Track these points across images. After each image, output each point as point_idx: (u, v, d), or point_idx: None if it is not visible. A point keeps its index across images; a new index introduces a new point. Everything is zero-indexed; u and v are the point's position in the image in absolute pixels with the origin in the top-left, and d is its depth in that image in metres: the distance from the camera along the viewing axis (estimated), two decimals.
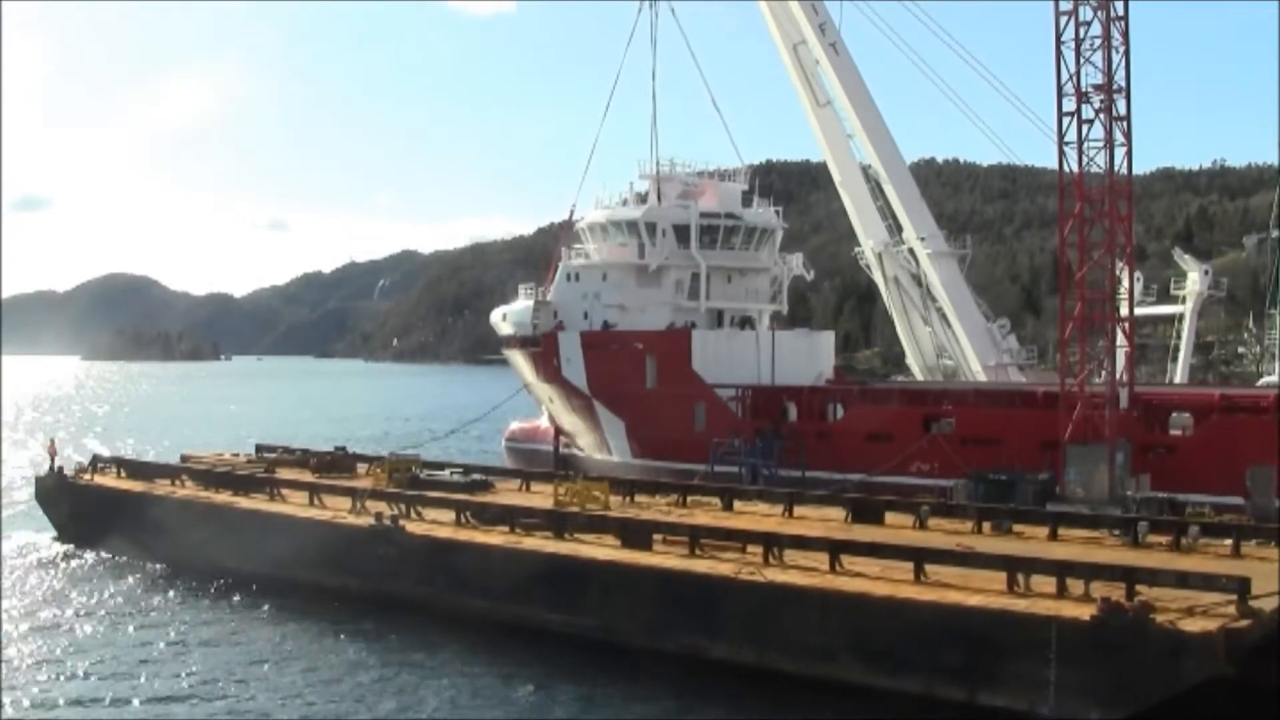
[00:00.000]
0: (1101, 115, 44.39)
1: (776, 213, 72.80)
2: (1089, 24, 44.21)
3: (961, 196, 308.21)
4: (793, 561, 33.94)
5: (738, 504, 44.80)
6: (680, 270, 68.09)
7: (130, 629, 38.33)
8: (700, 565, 34.64)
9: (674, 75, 75.84)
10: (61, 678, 32.91)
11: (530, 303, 72.31)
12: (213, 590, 43.43)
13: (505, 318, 75.58)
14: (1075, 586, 29.21)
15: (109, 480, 55.21)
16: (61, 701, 31.04)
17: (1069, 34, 44.39)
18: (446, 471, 53.11)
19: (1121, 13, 44.29)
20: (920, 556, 32.06)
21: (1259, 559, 33.35)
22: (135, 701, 31.09)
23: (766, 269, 70.82)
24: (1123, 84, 44.44)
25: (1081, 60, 44.30)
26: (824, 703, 29.91)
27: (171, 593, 43.49)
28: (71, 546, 51.90)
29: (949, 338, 70.19)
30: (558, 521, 40.23)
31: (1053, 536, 37.51)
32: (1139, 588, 28.23)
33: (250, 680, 32.75)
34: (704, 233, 68.00)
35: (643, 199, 71.35)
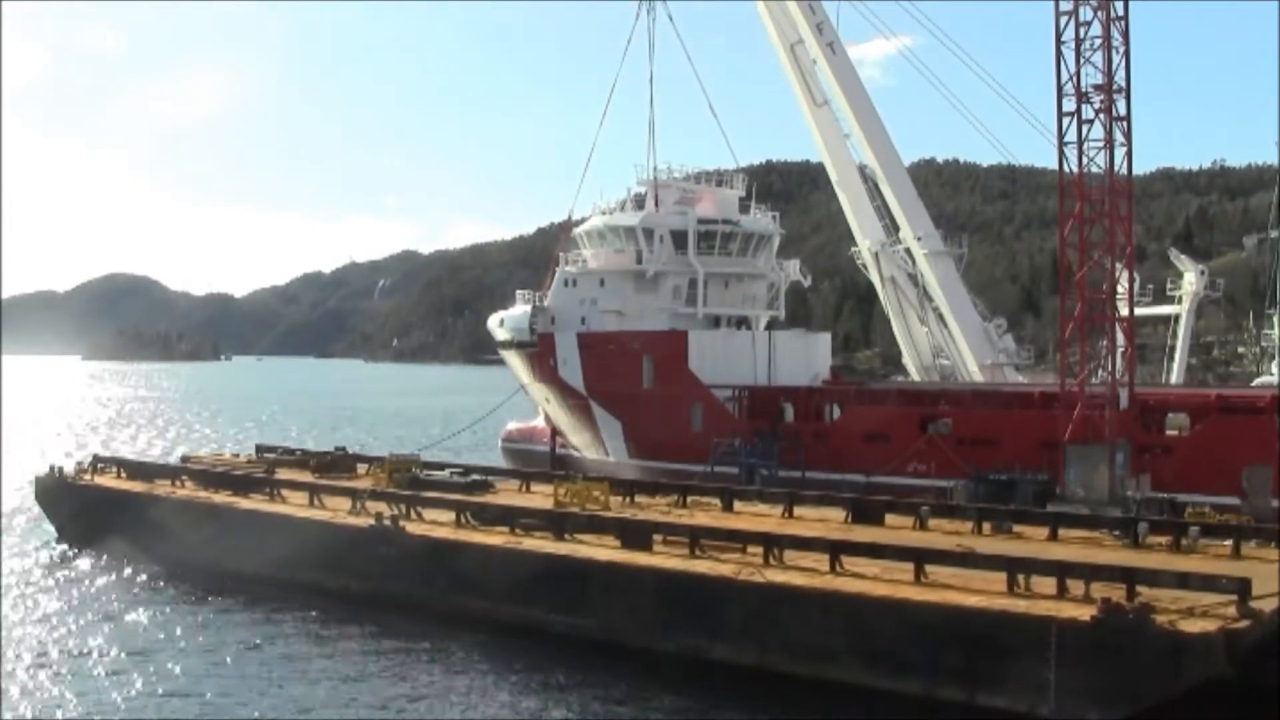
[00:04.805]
0: (1101, 115, 44.39)
1: (774, 218, 72.82)
2: (1089, 24, 44.20)
3: (961, 197, 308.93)
4: (793, 562, 33.92)
5: (737, 504, 44.79)
6: (678, 276, 68.15)
7: (129, 630, 38.24)
8: (700, 566, 34.61)
9: (672, 75, 76.17)
10: (61, 678, 32.83)
11: (527, 308, 72.35)
12: (212, 591, 43.31)
13: (502, 323, 75.46)
14: (1075, 587, 29.18)
15: (109, 480, 55.13)
16: (61, 702, 30.96)
17: (1069, 34, 44.38)
18: (446, 472, 52.98)
19: (1121, 13, 44.30)
20: (920, 557, 32.01)
21: (1259, 559, 33.38)
22: (134, 702, 31.02)
23: (763, 275, 70.83)
24: (1123, 84, 44.45)
25: (1081, 60, 44.30)
26: (824, 703, 29.92)
27: (171, 593, 43.44)
28: (72, 547, 51.82)
29: (945, 337, 70.24)
30: (557, 522, 40.20)
31: (1052, 537, 37.52)
32: (1139, 588, 28.23)
33: (249, 681, 32.75)
34: (701, 239, 68.05)
35: (640, 205, 71.37)
